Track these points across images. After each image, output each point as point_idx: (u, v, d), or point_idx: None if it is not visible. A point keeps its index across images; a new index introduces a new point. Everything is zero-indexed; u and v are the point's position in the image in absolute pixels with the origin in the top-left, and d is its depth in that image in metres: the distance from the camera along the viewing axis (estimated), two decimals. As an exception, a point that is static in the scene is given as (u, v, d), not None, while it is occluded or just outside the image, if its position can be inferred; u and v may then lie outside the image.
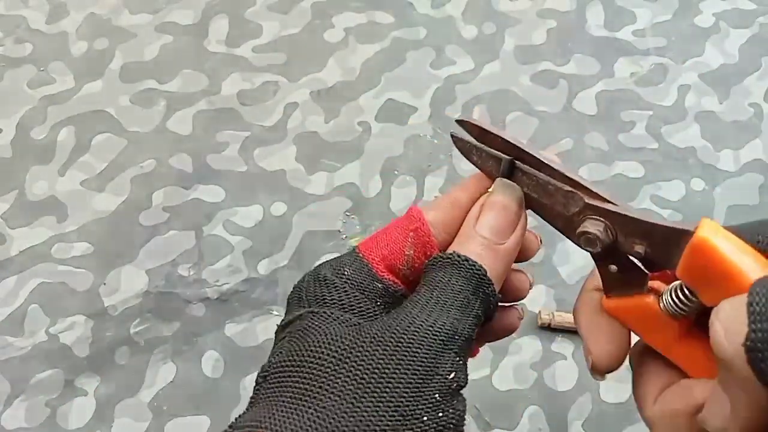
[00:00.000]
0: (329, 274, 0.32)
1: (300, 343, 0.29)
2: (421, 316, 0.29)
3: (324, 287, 0.32)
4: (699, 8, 0.79)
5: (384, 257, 0.32)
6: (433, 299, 0.29)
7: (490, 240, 0.31)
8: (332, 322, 0.30)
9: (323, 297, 0.31)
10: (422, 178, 0.69)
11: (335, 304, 0.31)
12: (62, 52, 0.76)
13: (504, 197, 0.32)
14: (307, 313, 0.31)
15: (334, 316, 0.30)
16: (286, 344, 0.30)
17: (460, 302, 0.30)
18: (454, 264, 0.30)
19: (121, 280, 0.64)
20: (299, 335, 0.30)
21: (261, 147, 0.70)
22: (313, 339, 0.29)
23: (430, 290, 0.30)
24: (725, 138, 0.71)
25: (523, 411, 0.58)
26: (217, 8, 0.79)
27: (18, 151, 0.71)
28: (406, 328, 0.28)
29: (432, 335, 0.28)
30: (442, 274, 0.30)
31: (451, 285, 0.30)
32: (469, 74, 0.74)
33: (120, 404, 0.59)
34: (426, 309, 0.29)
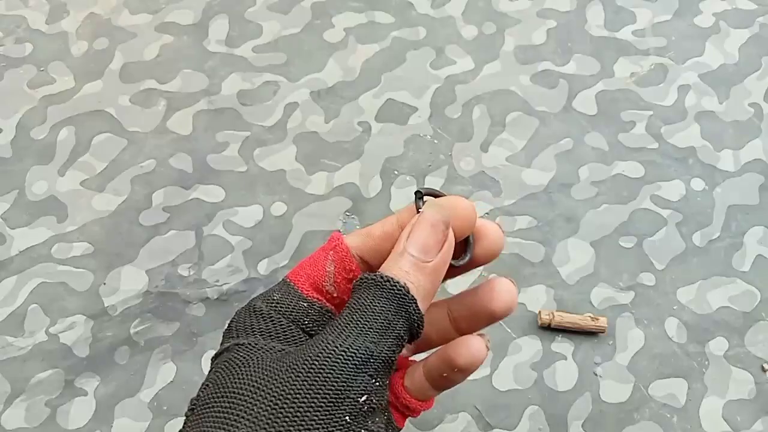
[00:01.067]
0: (259, 303, 0.33)
1: (224, 375, 0.30)
2: (337, 341, 0.29)
3: (253, 317, 0.33)
4: (699, 8, 0.79)
5: (308, 276, 0.34)
6: (352, 323, 0.30)
7: (418, 258, 0.32)
8: (256, 352, 0.31)
9: (251, 326, 0.33)
10: (422, 178, 0.68)
11: (262, 333, 0.32)
12: (62, 52, 0.76)
13: (432, 215, 0.32)
14: (234, 345, 0.32)
15: (258, 345, 0.31)
16: (212, 376, 0.31)
17: (379, 324, 0.30)
18: (377, 284, 0.31)
19: (121, 280, 0.64)
20: (224, 367, 0.31)
21: (261, 147, 0.70)
22: (235, 370, 0.30)
23: (351, 313, 0.30)
24: (725, 138, 0.71)
25: (523, 411, 0.58)
26: (217, 8, 0.79)
27: (18, 151, 0.71)
28: (319, 353, 0.29)
29: (344, 360, 0.29)
30: (365, 296, 0.30)
31: (372, 307, 0.30)
32: (469, 74, 0.74)
33: (120, 404, 0.59)
34: (343, 333, 0.29)
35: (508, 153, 0.70)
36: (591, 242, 0.65)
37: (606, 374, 0.59)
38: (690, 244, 0.65)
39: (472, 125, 0.71)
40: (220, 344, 0.33)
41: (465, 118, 0.72)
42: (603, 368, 0.60)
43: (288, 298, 0.33)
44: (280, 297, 0.33)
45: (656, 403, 0.58)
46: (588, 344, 0.61)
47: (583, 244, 0.65)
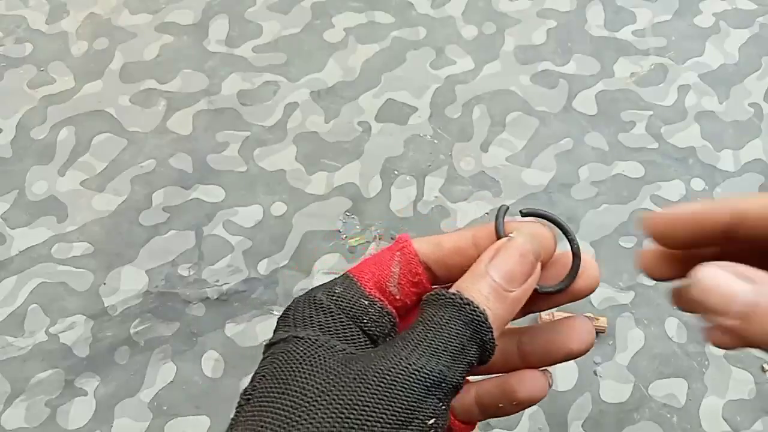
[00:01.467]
0: (319, 295, 0.32)
1: (284, 369, 0.29)
2: (410, 358, 0.28)
3: (312, 308, 0.32)
4: (699, 8, 0.79)
5: (372, 274, 0.33)
6: (426, 341, 0.29)
7: (500, 284, 0.31)
8: (317, 349, 0.30)
9: (310, 318, 0.32)
10: (422, 178, 0.69)
11: (321, 327, 0.31)
12: (62, 52, 0.76)
13: (523, 244, 0.32)
14: (292, 337, 0.31)
15: (319, 342, 0.30)
16: (268, 367, 0.30)
17: (454, 347, 0.29)
18: (455, 305, 0.30)
19: (121, 280, 0.64)
20: (283, 359, 0.30)
21: (261, 147, 0.70)
22: (297, 366, 0.29)
23: (425, 330, 0.29)
24: (725, 138, 0.71)
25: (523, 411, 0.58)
26: (217, 8, 0.79)
27: (18, 151, 0.71)
28: (391, 368, 0.28)
29: (417, 380, 0.28)
30: (440, 314, 0.30)
31: (447, 328, 0.29)
32: (469, 74, 0.74)
33: (120, 404, 0.59)
34: (416, 351, 0.29)
35: (508, 153, 0.70)
36: (591, 242, 0.65)
37: (606, 374, 0.59)
38: (690, 244, 0.65)
39: (472, 125, 0.71)
40: (274, 331, 0.32)
41: (465, 118, 0.72)
42: (603, 368, 0.60)
43: (350, 293, 0.32)
44: (341, 291, 0.32)
45: (656, 403, 0.58)
46: (588, 344, 0.61)
47: (583, 244, 0.65)
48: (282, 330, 0.32)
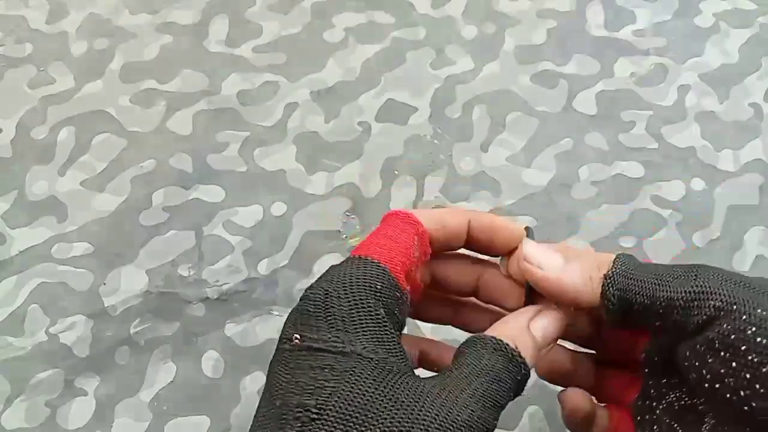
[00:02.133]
0: (364, 293, 0.32)
1: (357, 394, 0.29)
2: (477, 410, 0.30)
3: (362, 311, 0.31)
4: (699, 8, 0.79)
5: (402, 264, 0.33)
6: (488, 392, 0.31)
7: (539, 343, 0.34)
8: (385, 374, 0.30)
9: (362, 326, 0.31)
10: (422, 178, 0.69)
11: (374, 339, 0.31)
12: (62, 52, 0.76)
13: (562, 318, 0.36)
14: (353, 353, 0.30)
15: (382, 363, 0.30)
16: (331, 384, 0.29)
17: (505, 400, 0.32)
18: (513, 361, 0.33)
19: (121, 280, 0.64)
20: (351, 381, 0.29)
21: (261, 147, 0.71)
22: (373, 393, 0.29)
23: (489, 382, 0.31)
24: (725, 138, 0.71)
25: (523, 411, 0.58)
26: (217, 8, 0.79)
27: (18, 151, 0.71)
28: (466, 420, 0.29)
29: (478, 429, 0.30)
30: (501, 368, 0.32)
31: (504, 381, 0.32)
32: (469, 74, 0.74)
33: (120, 404, 0.59)
34: (480, 401, 0.30)
35: (508, 153, 0.70)
36: (591, 242, 0.65)
37: (606, 374, 0.59)
38: (690, 244, 0.65)
39: (472, 125, 0.71)
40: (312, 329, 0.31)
41: (465, 118, 0.72)
42: (603, 368, 0.60)
43: (389, 289, 0.32)
44: (382, 287, 0.32)
45: (656, 403, 0.58)
46: (588, 344, 0.61)
47: (583, 244, 0.65)
48: (326, 332, 0.31)
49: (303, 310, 0.32)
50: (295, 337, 0.31)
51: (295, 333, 0.31)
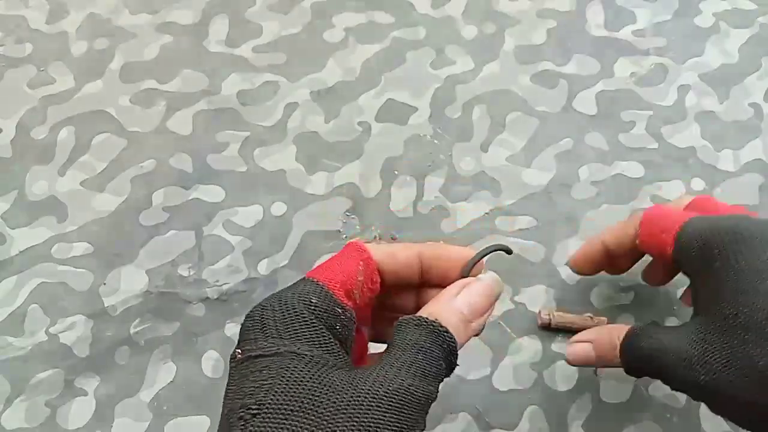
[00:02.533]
0: (299, 306, 0.34)
1: (293, 385, 0.31)
2: (408, 379, 0.32)
3: (295, 321, 0.33)
4: (699, 8, 0.79)
5: (342, 283, 0.36)
6: (417, 363, 0.33)
7: (465, 316, 0.36)
8: (319, 367, 0.32)
9: (295, 331, 0.33)
10: (422, 178, 0.69)
11: (308, 341, 0.33)
12: (62, 52, 0.76)
13: (492, 286, 0.39)
14: (287, 352, 0.32)
15: (316, 358, 0.32)
16: (270, 382, 0.31)
17: (436, 369, 0.34)
18: (435, 332, 0.34)
19: (121, 280, 0.64)
20: (288, 375, 0.31)
21: (261, 147, 0.71)
22: (307, 383, 0.31)
23: (414, 353, 0.33)
24: (725, 138, 0.71)
25: (523, 411, 0.58)
26: (217, 8, 0.79)
27: (18, 151, 0.71)
28: (398, 388, 0.32)
29: (417, 398, 0.32)
30: (424, 339, 0.34)
31: (431, 352, 0.34)
32: (469, 74, 0.74)
33: (120, 404, 0.59)
34: (411, 372, 0.33)
35: (508, 153, 0.70)
36: (591, 242, 0.65)
37: (606, 374, 0.59)
38: (690, 244, 0.65)
39: (472, 125, 0.71)
40: (246, 339, 0.33)
41: (465, 118, 0.72)
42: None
43: (326, 303, 0.34)
44: (317, 301, 0.34)
45: (656, 403, 0.58)
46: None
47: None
48: (267, 341, 0.33)
49: (243, 328, 0.35)
50: (237, 353, 0.33)
51: (237, 350, 0.34)
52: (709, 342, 0.39)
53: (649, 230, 0.46)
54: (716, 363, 0.38)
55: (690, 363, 0.39)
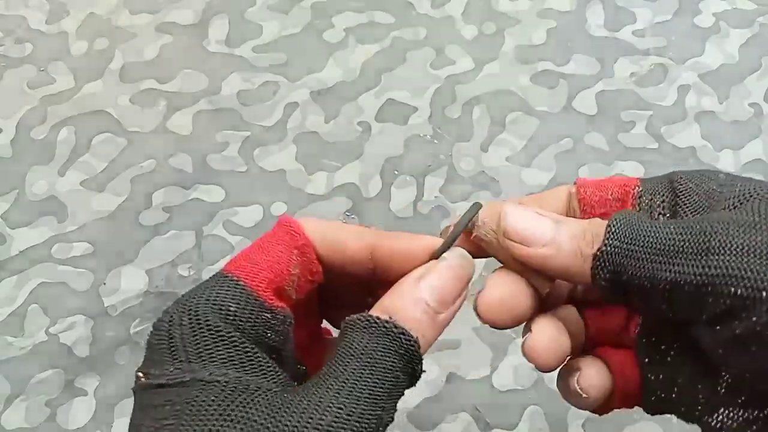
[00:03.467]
0: (212, 318, 0.27)
1: (196, 420, 0.25)
2: (348, 406, 0.25)
3: (208, 338, 0.27)
4: (699, 8, 0.79)
5: (270, 281, 0.28)
6: (361, 380, 0.26)
7: (432, 307, 0.28)
8: (234, 395, 0.25)
9: (208, 351, 0.26)
10: (422, 178, 0.69)
11: (224, 362, 0.26)
12: (62, 52, 0.76)
13: (460, 267, 0.29)
14: (196, 380, 0.26)
15: (231, 385, 0.25)
16: (170, 422, 0.25)
17: (389, 383, 0.26)
18: (387, 335, 0.27)
19: (121, 280, 0.64)
20: (192, 411, 0.25)
21: (261, 147, 0.70)
22: (215, 421, 0.24)
23: (360, 368, 0.26)
24: (725, 138, 0.71)
25: (523, 411, 0.58)
26: (217, 8, 0.79)
27: (18, 151, 0.71)
28: (332, 422, 0.24)
29: (362, 430, 0.25)
30: (373, 346, 0.26)
31: (383, 362, 0.26)
32: (469, 74, 0.74)
33: (120, 404, 0.59)
34: (353, 394, 0.25)
35: (508, 153, 0.70)
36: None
37: (606, 374, 0.59)
38: (690, 244, 0.65)
39: (472, 125, 0.71)
40: (155, 365, 0.27)
41: (465, 118, 0.72)
42: (603, 368, 0.60)
43: (248, 309, 0.27)
44: (237, 309, 0.27)
45: (656, 403, 0.59)
46: (588, 344, 0.61)
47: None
48: (170, 364, 0.26)
49: (149, 343, 0.28)
50: (139, 376, 0.27)
51: (140, 371, 0.27)
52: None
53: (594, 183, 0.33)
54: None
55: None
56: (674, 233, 0.26)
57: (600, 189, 0.32)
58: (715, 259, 0.24)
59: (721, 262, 0.24)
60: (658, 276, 0.26)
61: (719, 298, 0.24)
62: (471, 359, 0.59)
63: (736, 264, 0.24)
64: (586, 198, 0.32)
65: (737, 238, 0.25)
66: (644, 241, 0.26)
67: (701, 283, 0.25)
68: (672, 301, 0.26)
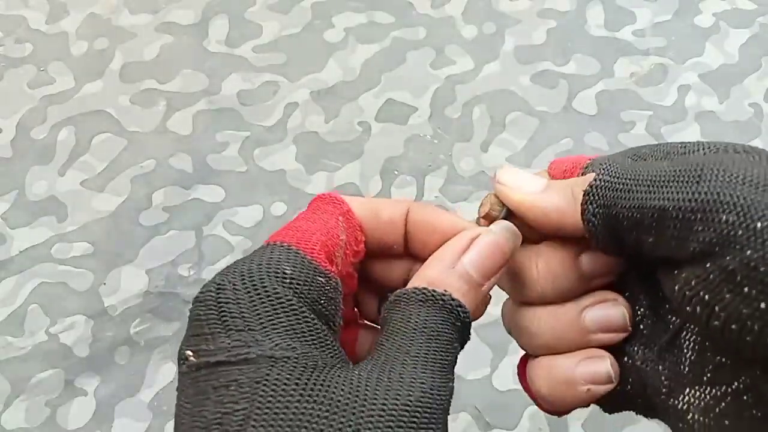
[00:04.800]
0: (267, 281, 0.25)
1: (274, 411, 0.23)
2: (428, 380, 0.25)
3: (267, 305, 0.25)
4: (699, 8, 0.79)
5: (323, 244, 0.27)
6: (430, 353, 0.26)
7: (476, 279, 0.28)
8: (309, 374, 0.24)
9: (269, 319, 0.25)
10: (422, 178, 0.69)
11: (288, 332, 0.24)
12: (62, 52, 0.76)
13: (505, 240, 0.29)
14: (262, 357, 0.24)
15: (302, 360, 0.24)
16: (241, 406, 0.23)
17: (452, 355, 0.27)
18: (445, 308, 0.27)
19: (121, 280, 0.64)
20: (265, 395, 0.23)
21: (261, 147, 0.71)
22: (296, 405, 0.23)
23: (426, 340, 0.26)
24: (725, 138, 0.71)
25: (523, 411, 0.58)
26: (217, 8, 0.79)
27: (18, 151, 0.71)
28: (420, 397, 0.24)
29: (440, 401, 0.25)
30: (432, 319, 0.26)
31: (446, 335, 0.26)
32: (469, 74, 0.74)
33: (120, 404, 0.59)
34: (428, 367, 0.25)
35: (508, 153, 0.70)
36: (591, 242, 0.65)
37: (606, 374, 0.59)
38: (690, 244, 0.65)
39: (472, 125, 0.71)
40: (206, 340, 0.24)
41: (465, 118, 0.72)
42: (603, 368, 0.60)
43: (304, 273, 0.26)
44: (293, 272, 0.26)
45: (656, 403, 0.59)
46: (588, 344, 0.61)
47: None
48: (225, 338, 0.24)
49: (194, 317, 0.25)
50: (188, 355, 0.24)
51: (188, 349, 0.24)
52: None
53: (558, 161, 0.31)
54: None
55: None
56: (666, 166, 0.25)
57: (559, 163, 0.30)
58: (707, 186, 0.23)
59: (713, 188, 0.23)
60: (647, 204, 0.24)
61: (708, 226, 0.23)
62: (471, 359, 0.59)
63: (729, 191, 0.23)
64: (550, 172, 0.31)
65: (732, 169, 0.24)
66: (634, 173, 0.26)
67: (691, 208, 0.23)
68: (660, 232, 0.25)
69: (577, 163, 0.29)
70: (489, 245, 0.28)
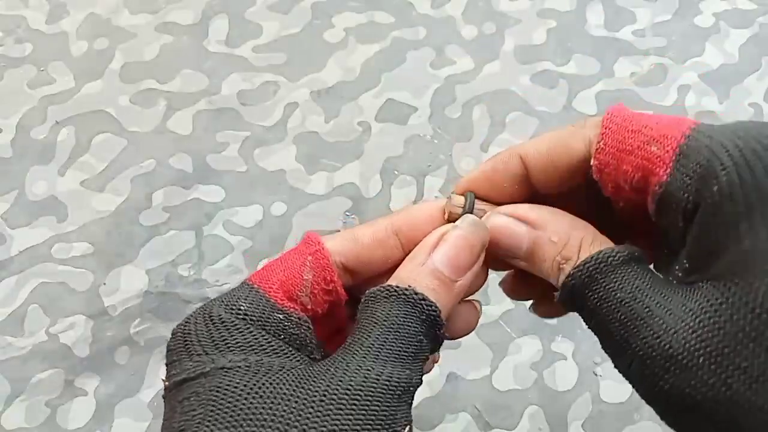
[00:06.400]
0: (222, 313, 0.28)
1: (226, 410, 0.24)
2: (376, 367, 0.26)
3: (221, 329, 0.27)
4: (699, 8, 0.79)
5: (281, 283, 0.29)
6: (387, 345, 0.26)
7: (446, 275, 0.29)
8: (260, 375, 0.26)
9: (223, 341, 0.27)
10: (422, 178, 0.69)
11: (243, 348, 0.27)
12: (62, 52, 0.76)
13: (472, 234, 0.30)
14: (215, 369, 0.26)
15: (254, 366, 0.26)
16: (198, 411, 0.25)
17: (414, 347, 0.27)
18: (408, 302, 0.27)
19: (121, 280, 0.64)
20: (217, 399, 0.25)
21: (261, 147, 0.71)
22: (245, 402, 0.24)
23: (384, 332, 0.27)
24: (725, 138, 0.71)
25: (523, 411, 0.58)
26: (217, 8, 0.79)
27: (18, 151, 0.71)
28: (362, 382, 0.25)
29: (389, 391, 0.26)
30: (395, 313, 0.27)
31: (405, 327, 0.27)
32: (469, 74, 0.74)
33: (120, 404, 0.59)
34: (380, 357, 0.26)
35: (508, 153, 0.70)
36: (591, 242, 0.65)
37: (606, 374, 0.59)
38: (690, 244, 0.65)
39: (472, 125, 0.71)
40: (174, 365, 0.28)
41: (465, 118, 0.72)
42: (603, 368, 0.60)
43: (259, 308, 0.28)
44: (248, 308, 0.28)
45: (656, 403, 0.59)
46: (588, 344, 0.61)
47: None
48: (188, 361, 0.27)
49: (167, 349, 0.29)
50: (163, 381, 0.28)
51: (163, 376, 0.29)
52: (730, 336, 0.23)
53: (620, 137, 0.28)
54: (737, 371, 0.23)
55: (692, 360, 0.23)
56: None
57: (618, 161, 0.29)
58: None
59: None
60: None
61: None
62: (471, 359, 0.59)
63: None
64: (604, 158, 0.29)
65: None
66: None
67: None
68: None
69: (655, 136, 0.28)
70: (456, 239, 0.30)
